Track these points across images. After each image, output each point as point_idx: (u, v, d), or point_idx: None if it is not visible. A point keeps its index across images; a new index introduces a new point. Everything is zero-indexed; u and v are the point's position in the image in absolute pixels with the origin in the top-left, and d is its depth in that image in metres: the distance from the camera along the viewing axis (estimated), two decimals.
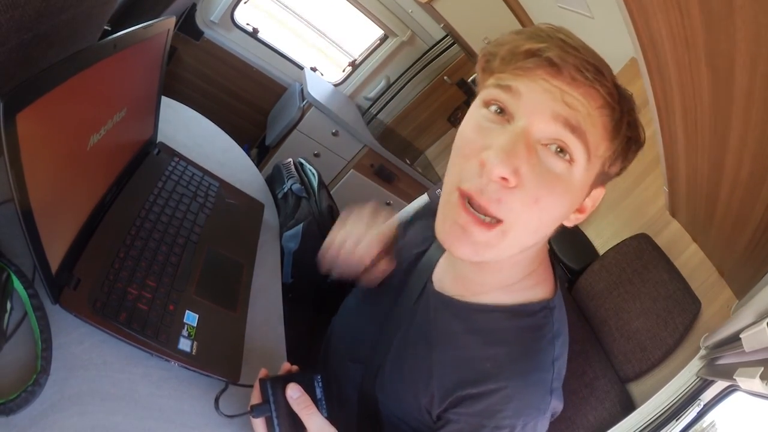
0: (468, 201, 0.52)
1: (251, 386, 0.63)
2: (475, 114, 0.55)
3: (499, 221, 0.51)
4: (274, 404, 0.58)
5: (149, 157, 0.90)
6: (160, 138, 0.95)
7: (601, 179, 0.55)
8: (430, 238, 0.76)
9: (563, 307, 0.65)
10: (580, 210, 0.58)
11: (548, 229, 0.56)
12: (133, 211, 0.76)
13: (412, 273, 0.74)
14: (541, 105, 0.49)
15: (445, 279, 0.70)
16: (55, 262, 0.56)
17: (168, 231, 0.78)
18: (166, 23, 0.81)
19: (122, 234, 0.71)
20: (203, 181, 0.96)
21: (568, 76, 0.49)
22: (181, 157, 0.97)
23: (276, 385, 0.60)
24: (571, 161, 0.50)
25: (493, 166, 0.48)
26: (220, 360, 0.66)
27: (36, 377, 0.50)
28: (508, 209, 0.50)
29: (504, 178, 0.48)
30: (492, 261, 0.59)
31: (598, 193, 0.58)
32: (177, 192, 0.87)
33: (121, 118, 0.71)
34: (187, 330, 0.66)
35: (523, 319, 0.62)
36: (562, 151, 0.50)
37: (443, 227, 0.55)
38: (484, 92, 0.54)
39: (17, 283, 0.55)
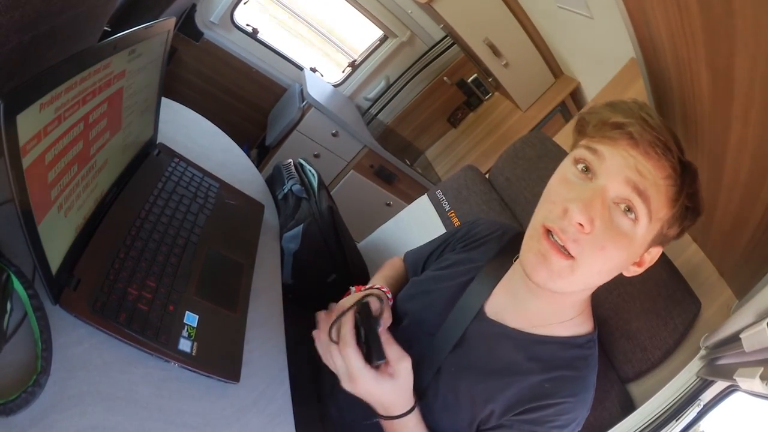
0: (550, 234, 0.63)
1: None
2: (565, 169, 0.66)
3: (571, 257, 0.62)
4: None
5: (149, 158, 0.90)
6: (159, 139, 0.95)
7: (659, 239, 0.65)
8: (475, 269, 0.83)
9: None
10: (638, 264, 0.67)
11: (609, 274, 0.66)
12: (133, 212, 0.76)
13: (458, 300, 0.80)
14: (618, 169, 0.60)
15: (504, 311, 0.77)
16: (55, 262, 0.56)
17: (168, 232, 0.78)
18: (167, 24, 0.81)
19: (122, 234, 0.71)
20: (203, 182, 0.96)
21: (643, 150, 0.59)
22: (182, 158, 0.97)
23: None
24: (635, 220, 0.60)
25: (574, 213, 0.60)
26: (221, 361, 0.66)
27: (36, 378, 0.50)
28: (580, 250, 0.61)
29: (581, 224, 0.60)
30: (559, 293, 0.68)
31: (656, 251, 0.66)
32: (177, 193, 0.87)
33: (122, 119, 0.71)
34: (187, 331, 0.66)
35: (575, 349, 0.72)
36: (629, 210, 0.60)
37: (527, 256, 0.66)
38: (575, 151, 0.66)
39: (17, 284, 0.55)
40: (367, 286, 0.87)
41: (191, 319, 0.68)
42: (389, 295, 0.85)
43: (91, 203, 0.67)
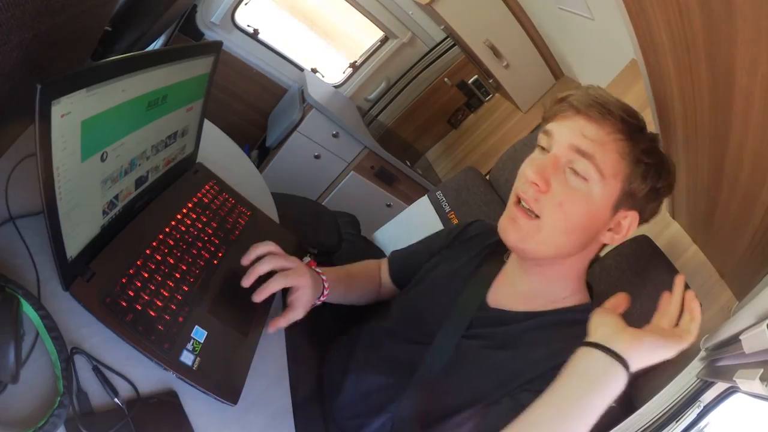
0: (519, 201, 0.72)
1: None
2: (532, 154, 0.76)
3: (537, 216, 0.70)
4: None
5: (186, 175, 0.92)
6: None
7: (630, 201, 0.70)
8: (473, 267, 0.88)
9: None
10: (616, 230, 0.72)
11: (575, 232, 0.71)
12: (161, 223, 0.77)
13: (462, 294, 0.84)
14: (563, 138, 0.70)
15: (504, 299, 0.81)
16: (72, 249, 0.57)
17: (191, 250, 0.78)
18: (214, 46, 0.84)
19: (146, 242, 0.72)
20: (235, 208, 0.96)
21: (585, 114, 0.68)
22: (218, 181, 0.99)
23: None
24: (586, 179, 0.67)
25: (529, 175, 0.70)
26: (221, 380, 0.65)
27: (60, 400, 0.49)
28: (541, 208, 0.70)
29: (536, 183, 0.69)
30: (544, 265, 0.75)
31: (633, 216, 0.71)
32: (207, 214, 0.87)
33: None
34: (193, 344, 0.66)
35: (575, 313, 0.74)
36: (576, 172, 0.68)
37: (502, 222, 0.75)
38: (538, 137, 0.75)
39: (27, 307, 0.54)
40: (320, 270, 0.88)
41: (199, 334, 0.68)
42: (326, 285, 0.86)
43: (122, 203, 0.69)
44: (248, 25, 2.42)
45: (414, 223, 1.41)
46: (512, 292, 0.81)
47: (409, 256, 1.04)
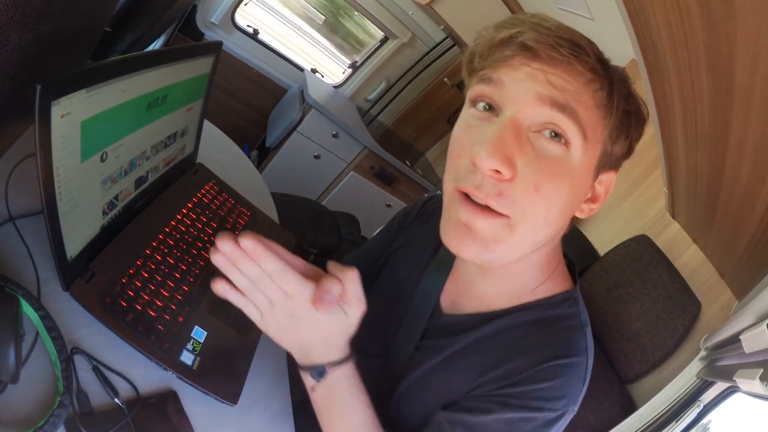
0: (467, 197, 0.50)
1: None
2: (464, 114, 0.53)
3: (503, 216, 0.49)
4: None
5: (186, 175, 0.92)
6: None
7: (607, 162, 0.53)
8: (423, 265, 0.72)
9: (582, 301, 0.62)
10: (592, 199, 0.55)
11: (558, 220, 0.53)
12: (161, 224, 0.77)
13: (414, 295, 0.69)
14: (524, 90, 0.48)
15: (460, 299, 0.66)
16: (72, 250, 0.57)
17: (191, 250, 0.78)
18: (215, 46, 0.84)
19: (146, 242, 0.72)
20: (235, 208, 0.96)
21: (546, 56, 0.47)
22: (218, 181, 0.99)
23: None
24: (567, 144, 0.48)
25: (482, 160, 0.46)
26: (221, 380, 0.65)
27: (60, 399, 0.49)
28: (510, 203, 0.48)
29: (496, 171, 0.47)
30: (505, 262, 0.55)
31: (609, 178, 0.55)
32: (207, 214, 0.87)
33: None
34: (193, 344, 0.66)
35: (547, 310, 0.59)
36: (556, 135, 0.48)
37: (446, 229, 0.53)
38: (469, 91, 0.53)
39: (27, 307, 0.54)
40: None
41: (199, 334, 0.68)
42: None
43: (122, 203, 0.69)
44: (248, 26, 2.42)
45: None
46: (467, 292, 0.65)
47: (365, 254, 0.86)
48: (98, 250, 0.65)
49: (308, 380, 0.56)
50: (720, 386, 0.77)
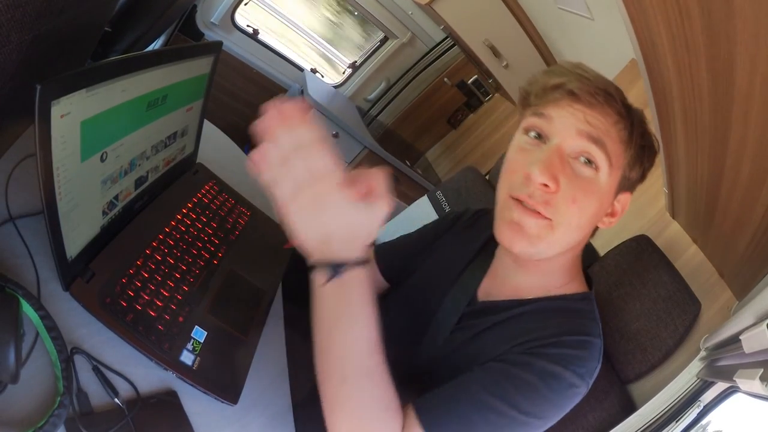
0: (519, 202, 0.64)
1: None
2: (518, 140, 0.68)
3: (547, 219, 0.63)
4: None
5: (186, 175, 0.92)
6: None
7: (625, 185, 0.67)
8: (462, 266, 0.82)
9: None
10: (611, 214, 0.69)
11: (587, 227, 0.67)
12: (161, 224, 0.77)
13: (452, 290, 0.78)
14: (568, 125, 0.63)
15: (493, 290, 0.76)
16: (72, 250, 0.57)
17: (191, 250, 0.78)
18: (215, 46, 0.84)
19: (146, 242, 0.72)
20: (235, 208, 0.96)
21: (586, 101, 0.62)
22: (218, 181, 0.99)
23: None
24: (597, 168, 0.63)
25: (536, 176, 0.61)
26: (221, 380, 0.65)
27: (60, 400, 0.49)
28: (554, 210, 0.62)
29: (545, 185, 0.61)
30: (542, 258, 0.68)
31: (625, 198, 0.69)
32: (207, 214, 0.87)
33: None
34: (193, 344, 0.66)
35: (569, 302, 0.71)
36: (588, 161, 0.63)
37: (501, 228, 0.66)
38: (524, 121, 0.68)
39: (27, 307, 0.54)
40: None
41: (199, 334, 0.68)
42: None
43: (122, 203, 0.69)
44: (248, 26, 2.42)
45: (414, 222, 1.41)
46: (503, 284, 0.76)
47: (399, 248, 0.96)
48: (98, 250, 0.65)
49: (320, 277, 0.53)
50: (720, 386, 0.77)
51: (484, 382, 0.61)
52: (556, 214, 0.63)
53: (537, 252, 0.66)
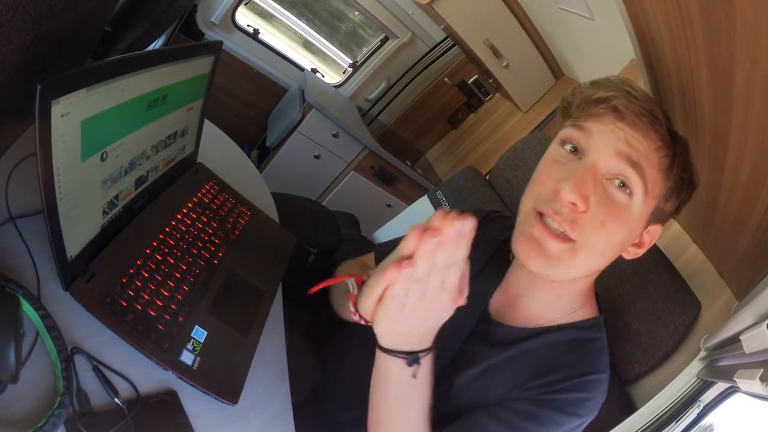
0: (542, 217, 0.60)
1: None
2: (552, 151, 0.65)
3: (571, 240, 0.59)
4: None
5: (186, 175, 0.92)
6: None
7: (658, 216, 0.63)
8: (475, 270, 0.75)
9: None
10: (638, 245, 0.65)
11: (611, 255, 0.63)
12: (161, 223, 0.77)
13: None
14: (607, 143, 0.58)
15: (505, 310, 0.73)
16: (72, 249, 0.57)
17: (191, 250, 0.78)
18: (215, 45, 0.84)
19: (146, 242, 0.72)
20: (235, 208, 0.96)
21: (630, 121, 0.58)
22: (218, 181, 0.99)
23: None
24: (630, 194, 0.59)
25: (565, 193, 0.57)
26: (221, 380, 0.65)
27: (60, 399, 0.49)
28: (580, 231, 0.58)
29: (573, 204, 0.57)
30: (557, 281, 0.65)
31: (656, 229, 0.64)
32: (207, 214, 0.87)
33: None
34: (193, 344, 0.66)
35: (580, 332, 0.69)
36: (623, 185, 0.59)
37: (519, 241, 0.62)
38: (561, 132, 0.64)
39: (27, 306, 0.54)
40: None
41: (199, 334, 0.68)
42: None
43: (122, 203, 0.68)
44: (248, 25, 2.42)
45: (414, 222, 1.41)
46: (515, 305, 0.73)
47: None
48: (98, 249, 0.65)
49: (394, 365, 0.55)
50: (720, 386, 0.77)
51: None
52: (581, 235, 0.59)
53: (554, 273, 0.62)
